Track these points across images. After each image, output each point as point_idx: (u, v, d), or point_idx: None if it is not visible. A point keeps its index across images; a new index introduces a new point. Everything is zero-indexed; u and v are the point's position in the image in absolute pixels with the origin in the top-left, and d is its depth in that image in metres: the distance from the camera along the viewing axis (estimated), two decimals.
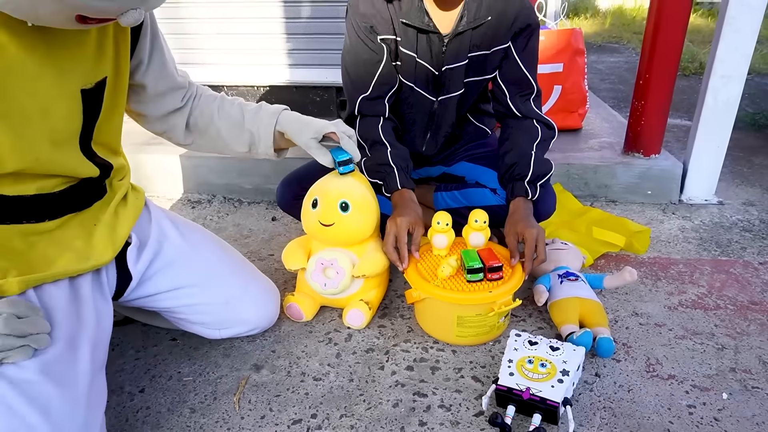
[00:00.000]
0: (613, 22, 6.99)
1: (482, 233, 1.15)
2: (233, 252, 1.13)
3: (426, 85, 1.29)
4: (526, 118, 1.29)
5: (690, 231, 1.58)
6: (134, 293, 0.99)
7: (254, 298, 1.08)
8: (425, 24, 1.20)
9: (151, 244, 1.00)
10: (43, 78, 0.75)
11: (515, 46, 1.25)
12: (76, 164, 0.86)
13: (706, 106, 1.64)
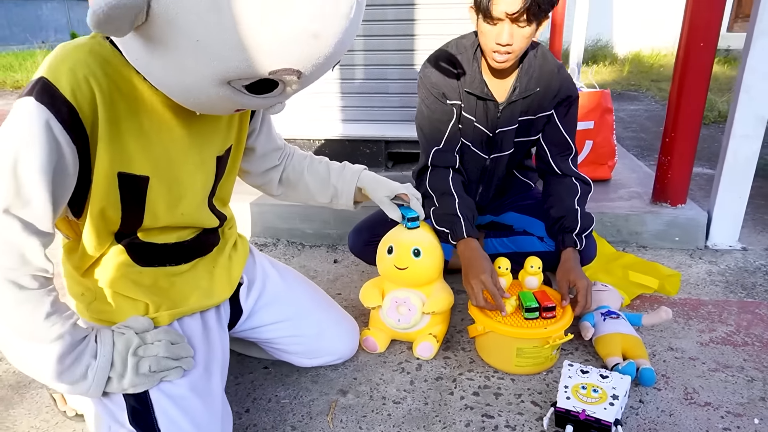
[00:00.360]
0: (631, 69, 7.24)
1: (537, 277, 1.33)
2: (320, 290, 1.33)
3: (481, 144, 1.50)
4: (565, 176, 1.49)
5: (716, 275, 1.73)
6: (243, 325, 1.18)
7: (341, 332, 1.27)
8: (485, 93, 1.41)
9: (257, 284, 1.19)
10: (193, 149, 0.96)
11: (557, 113, 1.46)
12: (205, 217, 1.06)
13: (727, 162, 1.82)
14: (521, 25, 1.23)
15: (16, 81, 7.32)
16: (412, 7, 2.24)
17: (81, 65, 0.77)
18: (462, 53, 1.41)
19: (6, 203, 0.74)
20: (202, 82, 0.71)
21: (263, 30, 0.64)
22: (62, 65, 0.76)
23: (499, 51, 1.28)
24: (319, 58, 0.71)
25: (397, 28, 2.29)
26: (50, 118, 0.74)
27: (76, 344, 0.82)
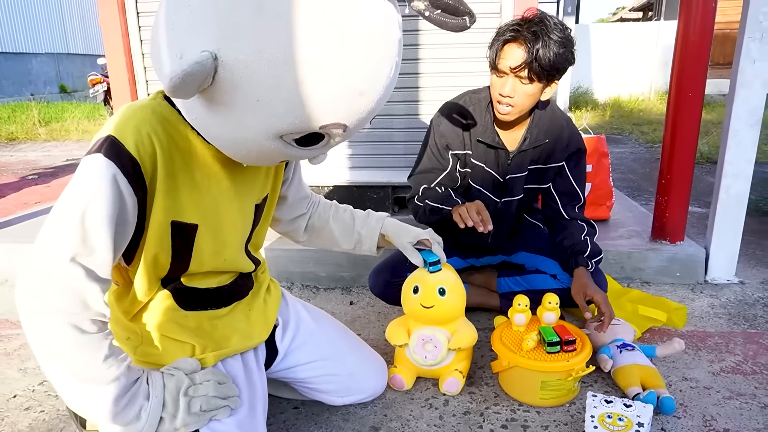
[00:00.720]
0: (612, 113, 7.56)
1: (554, 313, 1.39)
2: (349, 330, 1.37)
3: (492, 189, 1.60)
4: (573, 220, 1.59)
5: (719, 308, 1.81)
6: (279, 365, 1.22)
7: (372, 369, 1.31)
8: (495, 142, 1.52)
9: (291, 325, 1.24)
10: (237, 198, 1.03)
11: (568, 165, 1.57)
12: (243, 262, 1.12)
13: (720, 200, 1.94)
14: (524, 81, 1.35)
15: (10, 133, 7.40)
16: (416, 62, 2.39)
17: (144, 124, 0.85)
18: (474, 105, 1.53)
19: (73, 252, 0.79)
20: (257, 137, 0.79)
21: (318, 89, 0.72)
22: (128, 124, 0.84)
23: (501, 102, 1.40)
24: (363, 113, 0.79)
25: (402, 80, 2.43)
26: (117, 173, 0.81)
27: (129, 386, 0.86)
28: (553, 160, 1.55)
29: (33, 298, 0.80)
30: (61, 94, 16.33)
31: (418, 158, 1.62)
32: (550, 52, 1.30)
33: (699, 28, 1.79)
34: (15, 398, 1.40)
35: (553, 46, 1.30)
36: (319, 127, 0.78)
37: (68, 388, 0.84)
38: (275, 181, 1.14)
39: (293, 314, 1.26)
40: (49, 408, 1.36)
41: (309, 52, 0.70)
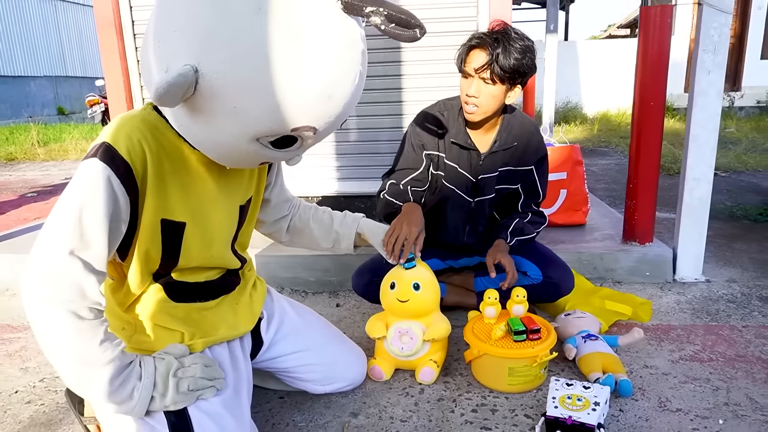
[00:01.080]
0: (600, 127, 7.73)
1: (522, 305, 1.50)
2: (331, 324, 1.47)
3: (466, 189, 1.71)
4: (524, 211, 1.76)
5: (684, 304, 1.91)
6: (264, 356, 1.31)
7: (353, 359, 1.40)
8: (468, 144, 1.65)
9: (276, 318, 1.34)
10: (222, 199, 1.14)
11: (536, 169, 1.69)
12: (230, 259, 1.22)
13: (684, 203, 2.05)
14: (487, 82, 1.49)
15: (9, 153, 7.51)
16: (399, 78, 2.52)
17: (135, 131, 0.96)
18: (448, 110, 1.67)
19: (71, 246, 0.90)
20: (236, 140, 0.89)
21: (289, 95, 0.83)
22: (120, 131, 0.95)
23: (468, 102, 1.54)
24: (331, 116, 0.90)
25: (387, 95, 2.55)
26: (111, 175, 0.92)
27: (123, 368, 0.95)
28: (523, 163, 1.68)
29: (36, 289, 0.89)
30: (59, 116, 16.51)
31: (395, 160, 1.75)
32: (510, 57, 1.44)
33: (657, 41, 1.92)
34: (17, 393, 1.49)
35: (514, 52, 1.44)
36: (291, 130, 0.88)
37: (69, 370, 0.92)
38: (258, 184, 1.25)
39: (278, 309, 1.36)
40: (49, 401, 1.44)
41: (280, 64, 0.80)
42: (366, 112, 2.59)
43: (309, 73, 0.82)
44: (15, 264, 2.32)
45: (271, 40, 0.79)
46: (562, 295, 1.69)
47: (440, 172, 1.70)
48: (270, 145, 0.91)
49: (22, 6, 17.87)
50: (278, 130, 0.87)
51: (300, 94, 0.83)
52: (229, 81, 0.81)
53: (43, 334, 0.90)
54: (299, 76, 0.82)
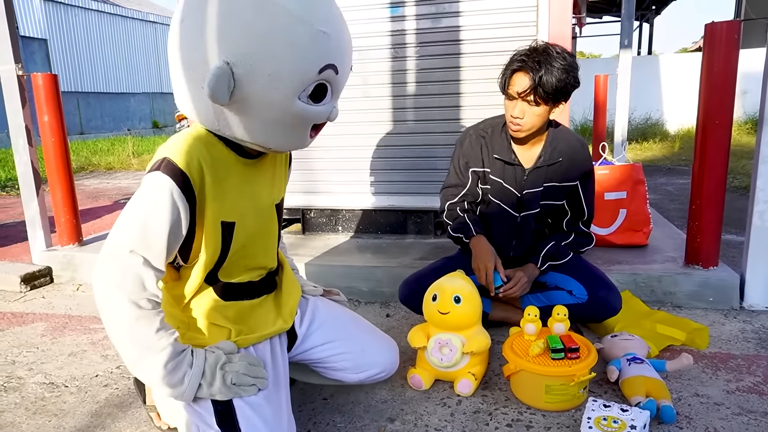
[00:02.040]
0: (682, 145, 7.32)
1: (563, 323, 1.49)
2: (360, 317, 1.52)
3: (511, 204, 1.75)
4: (569, 230, 1.77)
5: (750, 333, 1.81)
6: (299, 349, 1.39)
7: (382, 346, 1.45)
8: (512, 159, 1.68)
9: (308, 313, 1.42)
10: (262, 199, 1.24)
11: (581, 185, 1.69)
12: (271, 258, 1.32)
13: (754, 226, 1.95)
14: (531, 105, 1.54)
15: (108, 163, 8.26)
16: (457, 96, 2.58)
17: (191, 146, 1.09)
18: (493, 127, 1.73)
19: (133, 245, 1.03)
20: (283, 105, 1.03)
21: (301, 43, 0.98)
22: (178, 148, 1.08)
23: (512, 122, 1.59)
24: (337, 52, 1.04)
25: (442, 112, 2.62)
26: (173, 186, 1.04)
27: (176, 355, 1.06)
28: (568, 179, 1.69)
29: (103, 280, 1.03)
30: (153, 129, 17.92)
31: (447, 175, 1.85)
32: (552, 78, 1.48)
33: (723, 58, 1.85)
34: (97, 377, 1.68)
35: (556, 72, 1.47)
36: (318, 72, 1.02)
37: (128, 353, 1.05)
38: (284, 185, 1.36)
39: (310, 305, 1.45)
40: (123, 386, 1.62)
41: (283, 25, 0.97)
42: (422, 129, 2.66)
43: (308, 20, 0.99)
44: None
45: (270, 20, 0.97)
46: (608, 316, 1.67)
47: (486, 186, 1.75)
48: (310, 101, 1.06)
49: (128, 29, 19.61)
50: (308, 77, 1.02)
51: (306, 38, 0.99)
52: (255, 60, 0.98)
53: (108, 319, 1.04)
54: (301, 25, 0.98)
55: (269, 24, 0.97)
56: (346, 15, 2.78)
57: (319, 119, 1.12)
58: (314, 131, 1.16)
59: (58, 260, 2.64)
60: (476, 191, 1.78)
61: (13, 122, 2.54)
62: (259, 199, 1.24)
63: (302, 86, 1.02)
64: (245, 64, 0.98)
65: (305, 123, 1.10)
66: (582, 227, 1.75)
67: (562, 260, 1.73)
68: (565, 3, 2.34)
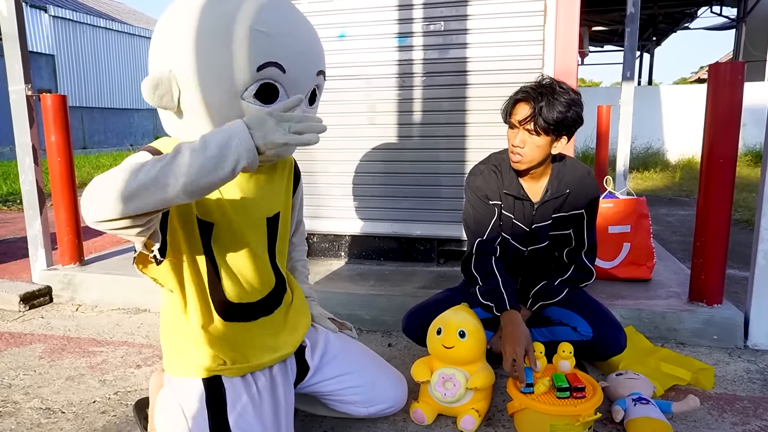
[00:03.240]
0: (683, 175, 7.36)
1: (569, 361, 1.48)
2: (371, 350, 1.52)
3: (518, 238, 1.74)
4: (568, 263, 1.75)
5: (755, 373, 1.80)
6: (311, 380, 1.38)
7: (392, 381, 1.44)
8: (521, 194, 1.69)
9: (320, 345, 1.41)
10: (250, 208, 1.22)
11: (587, 213, 1.71)
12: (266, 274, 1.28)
13: (758, 265, 1.94)
14: (532, 134, 1.55)
15: None
16: (463, 126, 2.60)
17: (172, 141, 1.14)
18: (500, 162, 1.73)
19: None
20: (229, 105, 1.05)
21: (236, 41, 1.01)
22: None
23: (513, 152, 1.61)
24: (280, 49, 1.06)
25: (449, 142, 2.64)
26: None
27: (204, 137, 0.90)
28: (575, 207, 1.71)
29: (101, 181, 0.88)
30: None
31: (466, 224, 1.77)
32: (554, 110, 1.50)
33: (727, 98, 1.87)
34: (94, 403, 1.65)
35: (558, 106, 1.50)
36: (257, 70, 1.03)
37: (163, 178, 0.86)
38: (286, 202, 1.35)
39: (322, 337, 1.44)
40: (121, 413, 1.59)
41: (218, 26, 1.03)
42: (426, 157, 2.68)
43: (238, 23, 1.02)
44: (106, 284, 2.57)
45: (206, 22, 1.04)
46: (613, 354, 1.66)
47: (500, 221, 1.75)
48: (257, 101, 1.07)
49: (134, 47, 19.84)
50: (245, 74, 1.04)
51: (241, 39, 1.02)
52: (194, 62, 1.04)
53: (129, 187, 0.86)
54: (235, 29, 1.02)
55: (205, 26, 1.03)
56: (355, 44, 2.83)
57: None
58: None
59: (58, 280, 2.63)
60: (498, 228, 1.73)
61: (20, 141, 2.55)
62: (247, 208, 1.22)
63: (242, 85, 1.05)
64: (185, 68, 1.04)
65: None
66: (584, 260, 1.74)
67: (554, 299, 1.72)
68: (571, 38, 2.38)
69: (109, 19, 19.16)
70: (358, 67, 2.66)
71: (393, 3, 2.57)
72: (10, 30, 2.46)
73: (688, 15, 11.95)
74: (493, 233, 1.72)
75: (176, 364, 1.23)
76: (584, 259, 1.75)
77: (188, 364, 1.20)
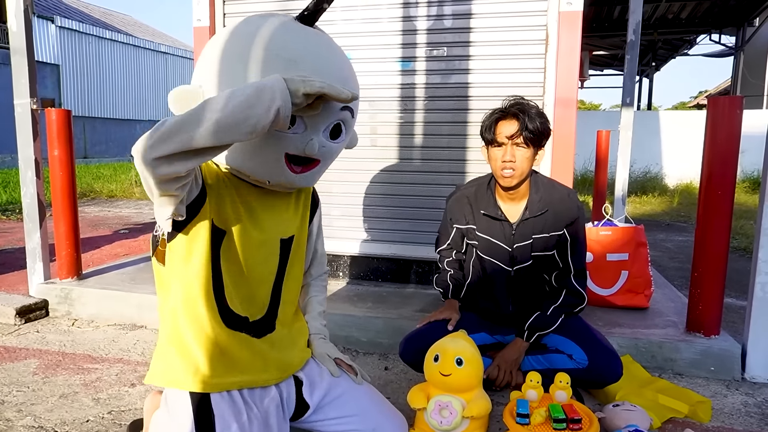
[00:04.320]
0: (680, 200, 7.39)
1: (565, 391, 1.48)
2: (375, 389, 1.51)
3: (503, 259, 1.79)
4: (559, 288, 1.77)
5: (753, 407, 1.79)
6: (311, 418, 1.36)
7: (394, 426, 1.43)
8: (498, 215, 1.75)
9: (322, 384, 1.38)
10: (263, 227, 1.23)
11: (569, 233, 1.75)
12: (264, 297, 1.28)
13: (756, 298, 1.95)
14: (521, 147, 1.64)
15: (110, 191, 8.29)
16: (463, 150, 2.62)
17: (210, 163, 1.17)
18: (478, 185, 1.83)
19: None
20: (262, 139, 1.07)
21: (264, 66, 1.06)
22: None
23: (505, 167, 1.67)
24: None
25: (449, 165, 2.66)
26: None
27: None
28: (555, 228, 1.74)
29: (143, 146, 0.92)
30: None
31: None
32: (534, 121, 1.63)
33: (726, 128, 1.90)
34: (87, 422, 1.64)
35: (535, 116, 1.64)
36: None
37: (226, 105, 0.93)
38: (301, 225, 1.35)
39: (326, 375, 1.41)
40: None
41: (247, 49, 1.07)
42: (426, 180, 2.69)
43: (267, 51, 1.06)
44: (103, 299, 2.57)
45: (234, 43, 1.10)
46: (609, 382, 1.65)
47: (474, 242, 1.82)
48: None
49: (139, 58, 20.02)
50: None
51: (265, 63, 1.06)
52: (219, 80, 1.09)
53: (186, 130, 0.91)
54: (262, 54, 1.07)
55: (235, 50, 1.08)
56: (359, 67, 2.84)
57: (292, 148, 1.11)
58: (297, 166, 1.15)
59: (55, 294, 2.62)
60: (460, 243, 1.90)
61: (23, 154, 2.57)
62: (262, 224, 1.24)
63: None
64: (213, 87, 1.09)
65: (276, 149, 1.10)
66: (574, 284, 1.76)
67: (550, 328, 1.74)
68: (572, 67, 2.41)
69: (116, 31, 19.37)
70: (362, 90, 2.67)
71: (397, 28, 2.61)
72: (19, 45, 2.49)
73: (687, 42, 12.12)
74: (450, 247, 1.92)
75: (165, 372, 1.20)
76: (574, 283, 1.76)
77: (177, 371, 1.18)
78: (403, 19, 2.61)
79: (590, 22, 9.27)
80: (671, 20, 9.99)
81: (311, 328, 1.49)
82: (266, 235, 1.25)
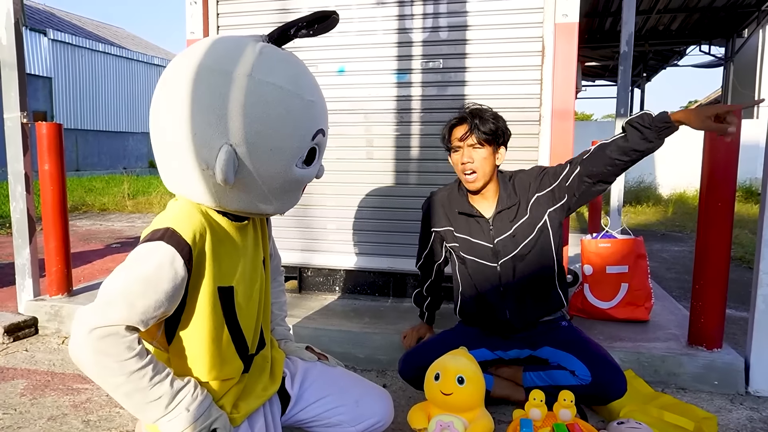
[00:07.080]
0: (675, 210, 7.41)
1: (569, 410, 1.44)
2: (350, 372, 1.46)
3: (486, 256, 1.78)
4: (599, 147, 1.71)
5: (758, 422, 1.76)
6: (293, 410, 1.34)
7: (376, 396, 1.38)
8: (473, 212, 1.78)
9: (298, 373, 1.37)
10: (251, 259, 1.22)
11: (546, 179, 1.75)
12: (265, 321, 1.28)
13: (758, 310, 1.93)
14: (476, 147, 1.70)
15: (102, 204, 8.21)
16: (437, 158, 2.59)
17: (194, 218, 1.08)
18: (450, 188, 1.88)
19: (129, 320, 0.97)
20: (284, 173, 1.08)
21: (294, 115, 1.05)
22: (183, 219, 1.07)
23: (465, 170, 1.72)
24: (321, 116, 1.12)
25: (445, 178, 2.62)
26: (175, 255, 1.01)
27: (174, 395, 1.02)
28: (527, 201, 1.76)
29: (88, 346, 0.96)
30: (150, 169, 17.95)
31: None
32: (487, 123, 1.69)
33: (725, 144, 1.89)
34: None
35: (488, 118, 1.70)
36: (311, 139, 1.10)
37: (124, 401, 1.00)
38: (265, 243, 1.34)
39: (301, 365, 1.40)
40: None
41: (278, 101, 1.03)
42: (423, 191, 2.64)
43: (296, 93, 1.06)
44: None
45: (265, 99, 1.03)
46: (613, 399, 1.62)
47: (455, 244, 1.83)
48: (305, 165, 1.13)
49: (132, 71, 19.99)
50: (305, 144, 1.09)
51: (302, 108, 1.07)
52: (257, 138, 1.03)
53: (96, 377, 0.98)
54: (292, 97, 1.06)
55: (264, 103, 1.03)
56: (355, 79, 2.85)
57: (310, 179, 1.18)
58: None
59: (45, 311, 2.56)
60: (438, 249, 1.96)
61: (12, 169, 2.52)
62: (252, 259, 1.23)
63: (300, 153, 1.09)
64: (247, 144, 1.03)
65: (300, 185, 1.17)
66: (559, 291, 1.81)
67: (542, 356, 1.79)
68: (569, 78, 2.40)
69: (108, 44, 19.35)
70: (357, 102, 2.66)
71: (393, 40, 2.60)
72: (9, 58, 2.46)
73: (678, 53, 12.24)
74: (428, 253, 2.00)
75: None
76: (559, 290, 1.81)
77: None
78: (398, 31, 2.59)
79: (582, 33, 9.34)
80: (662, 32, 10.09)
81: (277, 334, 1.49)
82: (256, 264, 1.25)
